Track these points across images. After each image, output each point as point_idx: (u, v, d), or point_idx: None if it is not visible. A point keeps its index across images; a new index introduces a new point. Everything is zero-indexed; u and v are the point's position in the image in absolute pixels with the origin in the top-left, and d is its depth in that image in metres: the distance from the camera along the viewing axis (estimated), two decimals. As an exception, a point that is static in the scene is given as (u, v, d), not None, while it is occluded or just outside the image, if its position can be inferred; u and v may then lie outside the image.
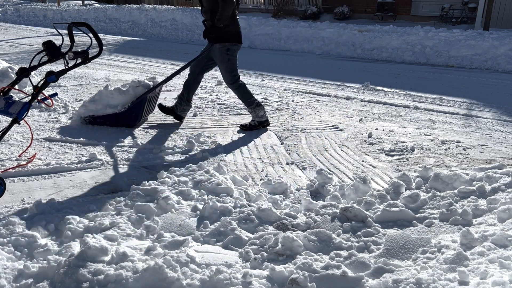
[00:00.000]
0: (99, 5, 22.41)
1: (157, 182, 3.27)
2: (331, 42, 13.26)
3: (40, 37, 13.69)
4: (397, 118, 5.90)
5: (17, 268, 2.22)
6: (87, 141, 4.46)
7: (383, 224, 2.69)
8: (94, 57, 3.77)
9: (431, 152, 4.56)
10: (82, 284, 2.00)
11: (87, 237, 2.28)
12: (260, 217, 2.81)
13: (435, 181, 3.18)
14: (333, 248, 2.42)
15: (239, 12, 5.15)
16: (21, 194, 3.31)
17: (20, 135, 4.53)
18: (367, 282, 2.08)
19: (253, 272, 2.12)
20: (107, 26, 17.49)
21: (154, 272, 2.00)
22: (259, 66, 9.75)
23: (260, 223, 2.76)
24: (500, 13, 16.53)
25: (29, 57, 5.15)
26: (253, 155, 4.38)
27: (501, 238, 2.34)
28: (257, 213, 2.82)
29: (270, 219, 2.80)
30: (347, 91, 7.51)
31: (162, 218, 2.76)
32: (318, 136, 5.04)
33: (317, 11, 19.84)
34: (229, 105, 6.24)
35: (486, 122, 5.81)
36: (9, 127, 3.37)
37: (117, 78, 7.91)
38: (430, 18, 18.35)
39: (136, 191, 3.09)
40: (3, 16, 19.77)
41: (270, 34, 14.46)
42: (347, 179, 3.83)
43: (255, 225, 2.73)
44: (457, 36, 12.10)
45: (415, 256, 2.33)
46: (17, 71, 3.58)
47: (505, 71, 10.36)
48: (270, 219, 2.80)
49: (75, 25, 3.60)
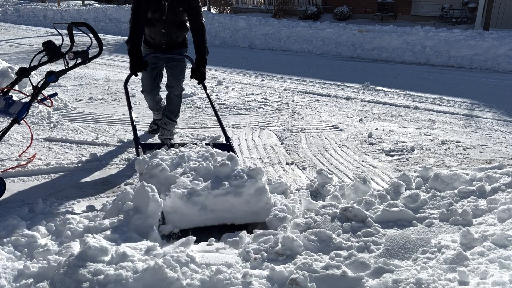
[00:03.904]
0: (99, 5, 22.42)
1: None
2: (331, 42, 13.26)
3: (40, 37, 13.68)
4: (397, 118, 5.90)
5: (17, 268, 2.21)
6: (87, 141, 4.46)
7: (383, 224, 2.68)
8: (94, 57, 3.77)
9: (431, 152, 4.55)
10: (82, 284, 2.00)
11: (87, 237, 2.28)
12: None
13: (435, 181, 3.17)
14: (333, 248, 2.41)
15: (238, 12, 5.02)
16: (21, 194, 3.31)
17: (20, 135, 4.53)
18: (367, 282, 2.08)
19: (253, 272, 2.12)
20: (107, 26, 17.49)
21: (154, 272, 2.00)
22: (259, 66, 9.75)
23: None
24: (500, 13, 16.53)
25: (29, 57, 5.15)
26: (253, 155, 4.38)
27: (501, 238, 2.34)
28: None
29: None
30: (347, 91, 7.51)
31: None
32: (318, 136, 5.04)
33: (317, 11, 19.84)
34: (229, 105, 6.24)
35: (486, 122, 5.81)
36: (9, 127, 3.37)
37: (117, 78, 7.91)
38: (430, 18, 18.35)
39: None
40: (3, 16, 19.77)
41: (270, 34, 14.46)
42: (347, 179, 3.83)
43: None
44: (457, 36, 12.10)
45: (415, 256, 2.33)
46: (17, 71, 3.58)
47: (505, 71, 10.36)
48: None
49: (75, 25, 3.60)
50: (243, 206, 2.72)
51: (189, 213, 2.62)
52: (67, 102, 5.83)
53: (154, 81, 4.39)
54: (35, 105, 5.28)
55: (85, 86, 7.17)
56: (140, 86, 4.61)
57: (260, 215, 2.75)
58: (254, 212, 2.73)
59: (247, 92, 7.15)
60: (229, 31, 14.97)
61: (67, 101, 5.88)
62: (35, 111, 5.23)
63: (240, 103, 6.35)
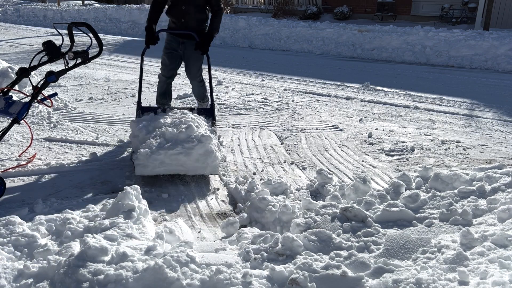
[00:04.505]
0: (99, 5, 22.42)
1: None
2: (331, 42, 13.26)
3: (40, 37, 13.68)
4: (397, 118, 5.90)
5: (17, 268, 2.21)
6: (87, 141, 4.46)
7: (383, 224, 2.68)
8: (94, 57, 3.77)
9: (431, 152, 4.55)
10: (82, 284, 2.00)
11: (87, 237, 2.28)
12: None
13: (435, 181, 3.17)
14: (333, 248, 2.41)
15: (238, 12, 5.12)
16: (21, 194, 3.31)
17: (20, 135, 4.53)
18: (367, 282, 2.08)
19: (253, 272, 2.12)
20: (107, 26, 17.49)
21: (154, 272, 2.00)
22: (259, 66, 9.75)
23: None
24: (500, 13, 16.53)
25: (29, 57, 5.15)
26: (253, 155, 4.38)
27: (501, 238, 2.34)
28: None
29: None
30: (347, 91, 7.51)
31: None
32: (318, 136, 5.04)
33: (317, 11, 19.84)
34: (229, 105, 6.24)
35: (486, 122, 5.81)
36: (9, 127, 3.37)
37: (117, 78, 7.91)
38: (430, 18, 18.35)
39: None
40: (3, 16, 19.77)
41: (270, 34, 14.46)
42: (347, 179, 3.82)
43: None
44: (457, 36, 12.10)
45: (415, 256, 2.33)
46: (17, 71, 3.58)
47: (505, 71, 10.36)
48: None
49: (75, 25, 3.60)
50: (193, 163, 3.55)
51: (151, 166, 3.49)
52: (67, 102, 5.83)
53: (171, 65, 4.71)
54: (35, 105, 5.28)
55: (85, 86, 7.17)
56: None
57: (207, 170, 3.61)
58: (202, 167, 3.58)
59: (247, 92, 7.15)
60: (229, 31, 14.97)
61: (67, 101, 5.88)
62: (35, 111, 5.23)
63: (240, 103, 6.35)
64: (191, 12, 4.47)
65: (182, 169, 3.57)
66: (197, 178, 3.75)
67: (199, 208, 3.27)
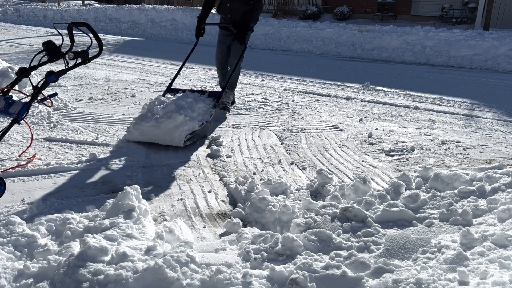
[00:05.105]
0: (99, 5, 22.42)
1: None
2: (331, 42, 13.26)
3: (40, 37, 13.69)
4: (397, 118, 5.90)
5: (17, 268, 2.21)
6: (87, 141, 4.46)
7: (383, 224, 2.68)
8: (94, 57, 3.77)
9: (431, 152, 4.55)
10: (82, 284, 2.00)
11: (87, 237, 2.28)
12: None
13: (435, 181, 3.17)
14: (333, 248, 2.41)
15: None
16: (21, 194, 3.31)
17: (20, 135, 4.53)
18: (367, 282, 2.08)
19: (253, 272, 2.12)
20: (107, 26, 17.49)
21: (154, 272, 2.00)
22: (259, 66, 9.75)
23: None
24: (500, 13, 16.53)
25: (29, 57, 5.15)
26: (253, 155, 4.38)
27: (501, 238, 2.34)
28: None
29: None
30: (347, 91, 7.51)
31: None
32: (318, 136, 5.04)
33: (317, 11, 19.84)
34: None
35: (486, 122, 5.81)
36: (9, 127, 3.37)
37: (117, 78, 7.91)
38: (430, 18, 18.36)
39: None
40: (3, 16, 19.78)
41: (270, 34, 14.46)
42: (347, 179, 3.82)
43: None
44: (457, 36, 12.11)
45: (415, 256, 2.33)
46: (17, 71, 3.58)
47: (505, 71, 10.37)
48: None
49: (75, 25, 3.60)
50: (164, 135, 4.33)
51: (135, 134, 4.43)
52: (67, 102, 5.83)
53: (222, 59, 5.57)
54: (35, 105, 5.28)
55: (85, 86, 7.17)
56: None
57: (174, 141, 4.33)
58: (170, 139, 4.32)
59: (247, 92, 7.15)
60: (229, 31, 14.98)
61: (67, 101, 5.88)
62: (35, 111, 5.23)
63: (240, 103, 6.35)
64: (236, 7, 5.14)
65: (155, 138, 4.36)
66: (197, 177, 3.75)
67: (199, 208, 3.27)
